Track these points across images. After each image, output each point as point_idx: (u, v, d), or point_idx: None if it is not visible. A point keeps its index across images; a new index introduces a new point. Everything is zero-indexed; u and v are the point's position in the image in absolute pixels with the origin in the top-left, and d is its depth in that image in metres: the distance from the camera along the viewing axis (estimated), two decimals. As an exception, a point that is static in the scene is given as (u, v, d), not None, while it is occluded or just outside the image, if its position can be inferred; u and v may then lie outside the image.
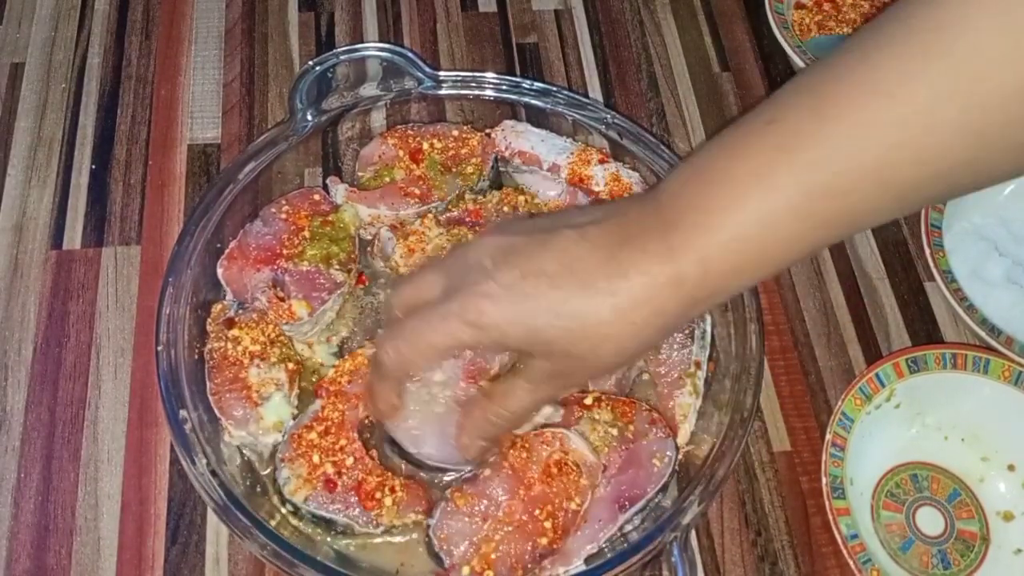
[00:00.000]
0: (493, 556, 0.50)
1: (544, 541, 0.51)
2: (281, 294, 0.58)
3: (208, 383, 0.56)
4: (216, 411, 0.54)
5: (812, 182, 0.39)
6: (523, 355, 0.48)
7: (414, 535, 0.54)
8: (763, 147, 0.41)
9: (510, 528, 0.51)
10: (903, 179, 0.39)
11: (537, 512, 0.51)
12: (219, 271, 0.59)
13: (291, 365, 0.57)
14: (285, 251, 0.60)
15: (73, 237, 0.66)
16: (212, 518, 0.57)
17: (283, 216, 0.61)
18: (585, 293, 0.43)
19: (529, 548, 0.51)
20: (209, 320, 0.58)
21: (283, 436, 0.55)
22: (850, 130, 0.39)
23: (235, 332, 0.57)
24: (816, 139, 0.39)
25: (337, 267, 0.60)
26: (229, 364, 0.56)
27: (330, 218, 0.62)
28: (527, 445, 0.53)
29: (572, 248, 0.44)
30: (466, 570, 0.50)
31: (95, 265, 0.65)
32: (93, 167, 0.70)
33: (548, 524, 0.51)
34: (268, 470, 0.55)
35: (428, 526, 0.52)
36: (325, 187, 0.65)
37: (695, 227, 0.42)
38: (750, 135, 0.42)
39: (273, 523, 0.51)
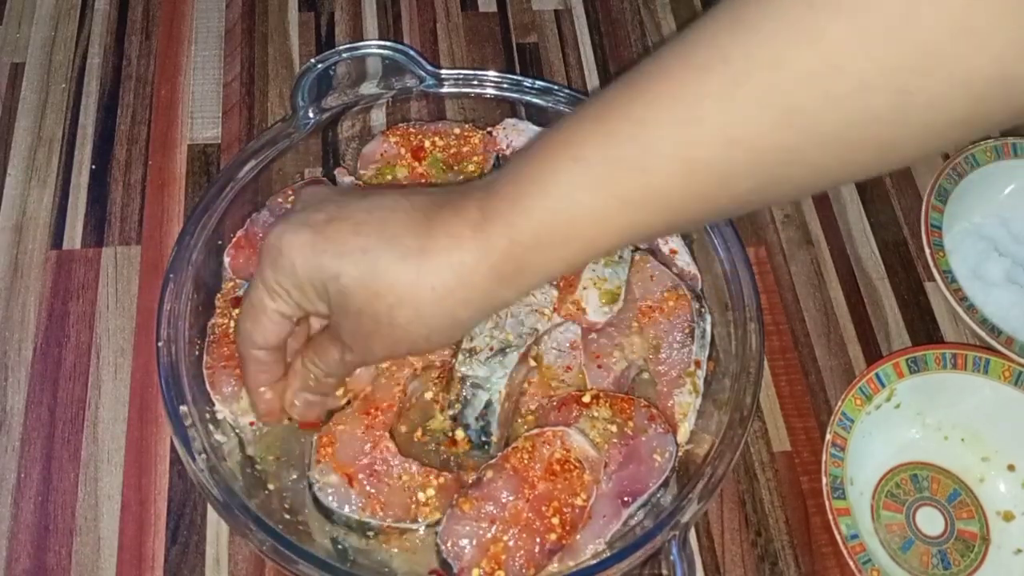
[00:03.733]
0: (503, 557, 0.50)
1: (553, 537, 0.51)
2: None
3: (205, 357, 0.56)
4: (207, 385, 0.55)
5: (616, 155, 0.39)
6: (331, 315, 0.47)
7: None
8: (580, 122, 0.40)
9: (517, 528, 0.51)
10: (712, 160, 0.37)
11: (544, 509, 0.51)
12: (226, 259, 0.60)
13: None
14: None
15: (73, 237, 0.66)
16: (212, 518, 0.57)
17: (289, 206, 0.62)
18: (387, 246, 0.42)
19: (538, 545, 0.51)
20: (219, 295, 0.59)
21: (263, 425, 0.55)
22: (660, 108, 0.38)
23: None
24: (627, 113, 0.38)
25: None
26: (229, 341, 0.56)
27: None
28: (529, 447, 0.53)
29: (389, 203, 0.44)
30: (476, 572, 0.50)
31: (95, 265, 0.65)
32: (93, 167, 0.70)
33: (556, 520, 0.51)
34: (255, 452, 0.55)
35: (436, 533, 0.52)
36: (331, 178, 0.65)
37: (506, 197, 0.41)
38: (578, 113, 0.41)
39: (273, 519, 0.51)
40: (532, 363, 0.58)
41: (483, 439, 0.55)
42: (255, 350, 0.49)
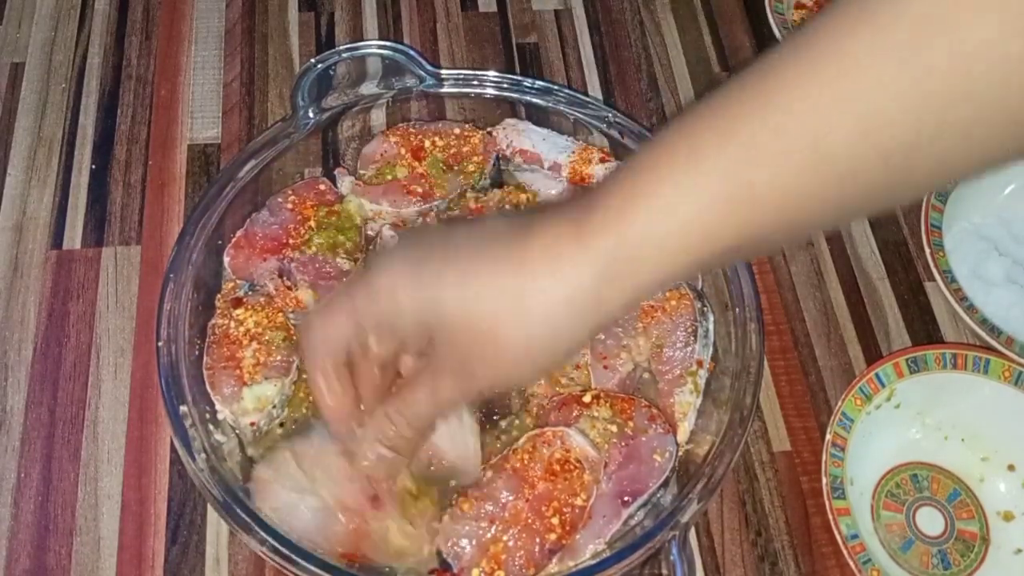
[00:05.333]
0: (503, 556, 0.50)
1: (553, 537, 0.51)
2: (288, 283, 0.59)
3: (205, 357, 0.56)
4: (208, 386, 0.55)
5: (733, 154, 0.37)
6: (427, 348, 0.44)
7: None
8: (691, 137, 0.38)
9: (517, 528, 0.51)
10: (839, 157, 0.36)
11: (544, 509, 0.51)
12: (226, 259, 0.60)
13: (290, 354, 0.57)
14: (291, 240, 0.60)
15: (73, 237, 0.66)
16: (212, 518, 0.57)
17: (289, 206, 0.62)
18: (487, 266, 0.41)
19: (538, 545, 0.51)
20: (219, 296, 0.59)
21: (263, 426, 0.55)
22: (785, 109, 0.36)
23: (240, 312, 0.57)
24: (740, 129, 0.37)
25: (343, 256, 0.60)
26: (229, 342, 0.57)
27: (335, 208, 0.62)
28: (529, 447, 0.53)
29: (484, 228, 0.43)
30: (476, 572, 0.50)
31: (95, 265, 0.65)
32: (93, 167, 0.70)
33: (556, 520, 0.51)
34: (255, 453, 0.55)
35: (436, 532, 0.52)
36: (331, 178, 0.65)
37: (609, 209, 0.39)
38: (682, 128, 0.39)
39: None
40: None
41: None
42: (341, 394, 0.47)
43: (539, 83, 0.66)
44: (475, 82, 0.66)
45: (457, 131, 0.66)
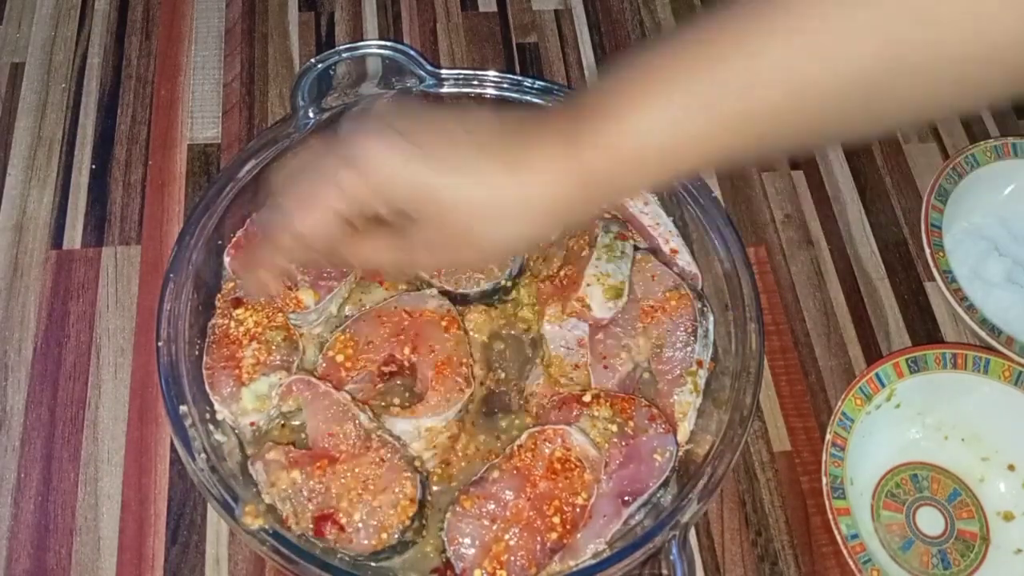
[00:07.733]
0: (504, 556, 0.50)
1: (554, 536, 0.51)
2: (288, 283, 0.59)
3: (205, 357, 0.56)
4: (207, 386, 0.55)
5: (723, 79, 0.40)
6: (402, 219, 0.45)
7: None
8: (678, 51, 0.42)
9: (519, 527, 0.51)
10: (809, 81, 0.39)
11: (545, 508, 0.51)
12: (226, 259, 0.60)
13: (290, 353, 0.57)
14: None
15: (73, 237, 0.66)
16: (212, 518, 0.57)
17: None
18: (487, 160, 0.43)
19: (539, 544, 0.51)
20: (219, 296, 0.59)
21: (263, 426, 0.56)
22: (759, 29, 0.39)
23: (240, 312, 0.57)
24: (725, 41, 0.40)
25: None
26: (228, 342, 0.57)
27: None
28: (531, 445, 0.53)
29: (483, 120, 0.45)
30: (478, 573, 0.50)
31: (95, 265, 0.65)
32: (93, 167, 0.70)
33: (556, 519, 0.51)
34: (255, 452, 0.55)
35: (441, 530, 0.52)
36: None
37: (603, 114, 0.42)
38: (663, 54, 0.42)
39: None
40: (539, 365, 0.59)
41: None
42: (289, 238, 0.47)
43: (539, 83, 0.66)
44: (475, 82, 0.66)
45: (457, 131, 0.66)
